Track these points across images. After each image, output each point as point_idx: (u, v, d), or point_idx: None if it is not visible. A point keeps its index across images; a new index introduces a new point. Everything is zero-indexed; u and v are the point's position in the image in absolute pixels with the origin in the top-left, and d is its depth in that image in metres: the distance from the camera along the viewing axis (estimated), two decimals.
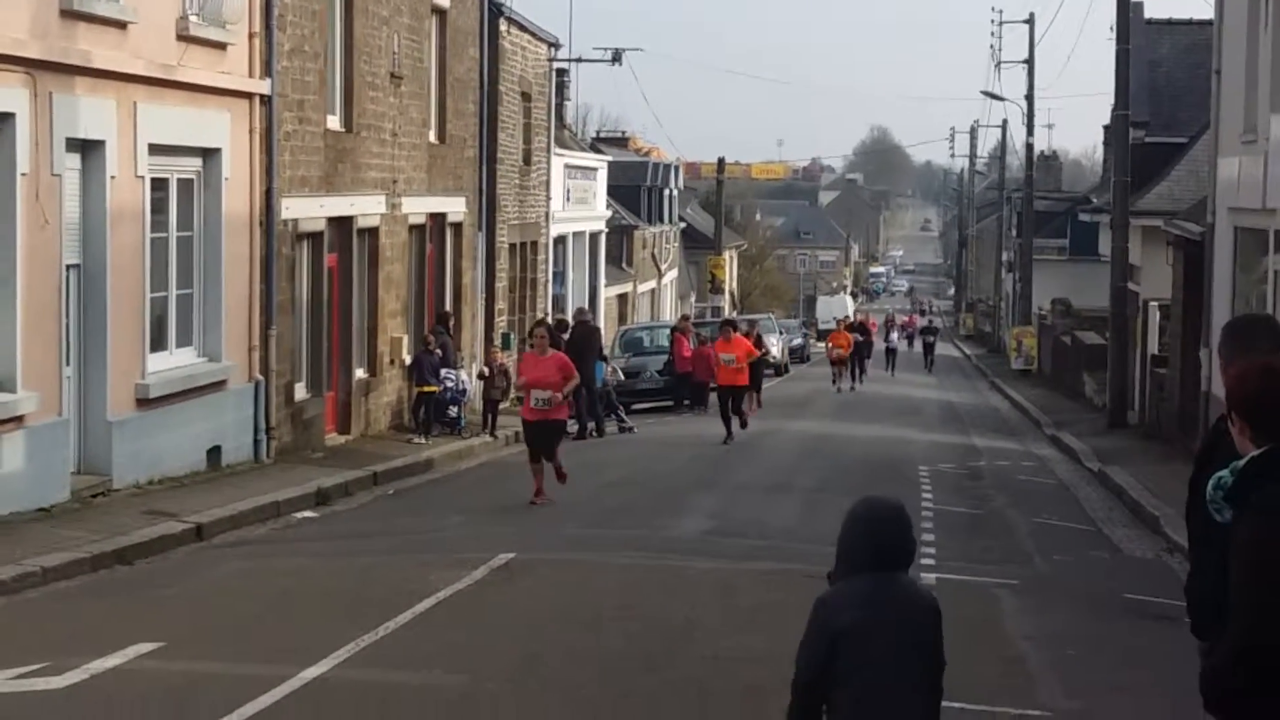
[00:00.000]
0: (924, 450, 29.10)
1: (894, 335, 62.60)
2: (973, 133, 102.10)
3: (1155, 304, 34.30)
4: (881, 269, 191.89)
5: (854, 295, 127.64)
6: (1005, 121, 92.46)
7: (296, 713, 9.61)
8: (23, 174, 16.54)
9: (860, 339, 50.76)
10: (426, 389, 27.29)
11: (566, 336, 30.75)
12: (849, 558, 5.92)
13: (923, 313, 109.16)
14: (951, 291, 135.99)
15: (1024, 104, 61.85)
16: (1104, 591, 15.48)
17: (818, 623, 5.83)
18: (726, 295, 72.00)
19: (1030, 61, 62.82)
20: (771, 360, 55.74)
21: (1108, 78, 34.98)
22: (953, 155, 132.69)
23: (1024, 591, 14.77)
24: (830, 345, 49.22)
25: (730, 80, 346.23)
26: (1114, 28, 34.17)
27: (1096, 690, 11.04)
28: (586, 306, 39.78)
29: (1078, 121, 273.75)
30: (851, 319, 56.62)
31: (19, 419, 16.61)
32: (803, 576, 14.67)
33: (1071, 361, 46.81)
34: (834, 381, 47.25)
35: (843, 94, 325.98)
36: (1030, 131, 60.72)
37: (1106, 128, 45.88)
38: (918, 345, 67.81)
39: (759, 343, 36.49)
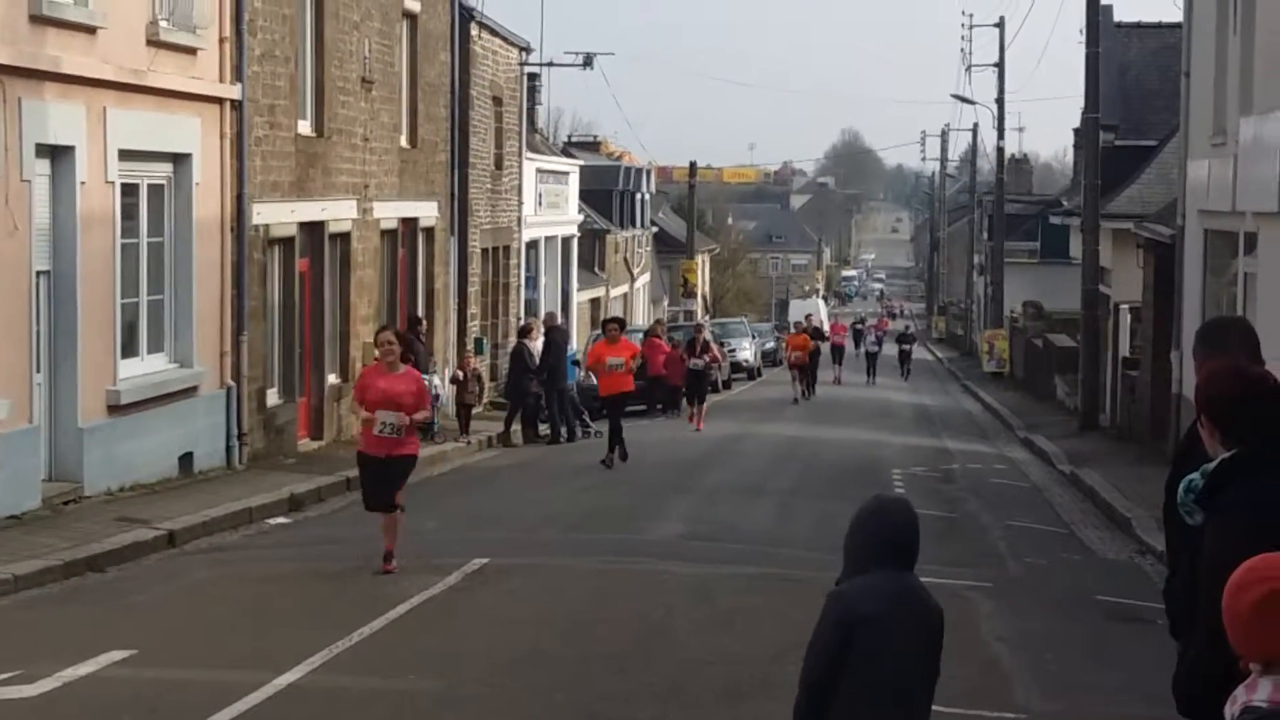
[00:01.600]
0: (897, 453, 29.14)
1: (869, 339, 59.45)
2: (944, 136, 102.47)
3: (1126, 306, 34.43)
4: (854, 272, 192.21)
5: (826, 299, 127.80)
6: (976, 125, 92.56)
7: (271, 719, 9.58)
8: None
9: (817, 344, 47.85)
10: None
11: (541, 342, 30.72)
12: (861, 554, 5.93)
13: (893, 316, 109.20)
14: (919, 293, 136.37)
15: (994, 107, 61.99)
16: (1077, 593, 15.53)
17: (834, 614, 5.82)
18: (699, 299, 72.03)
19: (1000, 65, 62.97)
20: (745, 365, 55.86)
21: (1078, 81, 35.13)
22: (924, 159, 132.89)
23: (998, 594, 14.80)
24: (788, 348, 45.85)
25: (702, 84, 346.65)
26: (1084, 31, 34.29)
27: (1071, 691, 11.07)
28: (558, 311, 39.76)
29: (1048, 125, 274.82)
30: (814, 321, 51.22)
31: None
32: (778, 580, 14.72)
33: (1043, 364, 46.93)
34: (793, 384, 44.23)
35: (814, 97, 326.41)
36: (1001, 135, 60.85)
37: (1077, 131, 45.95)
38: (888, 349, 66.00)
39: (705, 348, 34.41)
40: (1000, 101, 61.66)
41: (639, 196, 66.99)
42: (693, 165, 72.97)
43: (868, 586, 5.84)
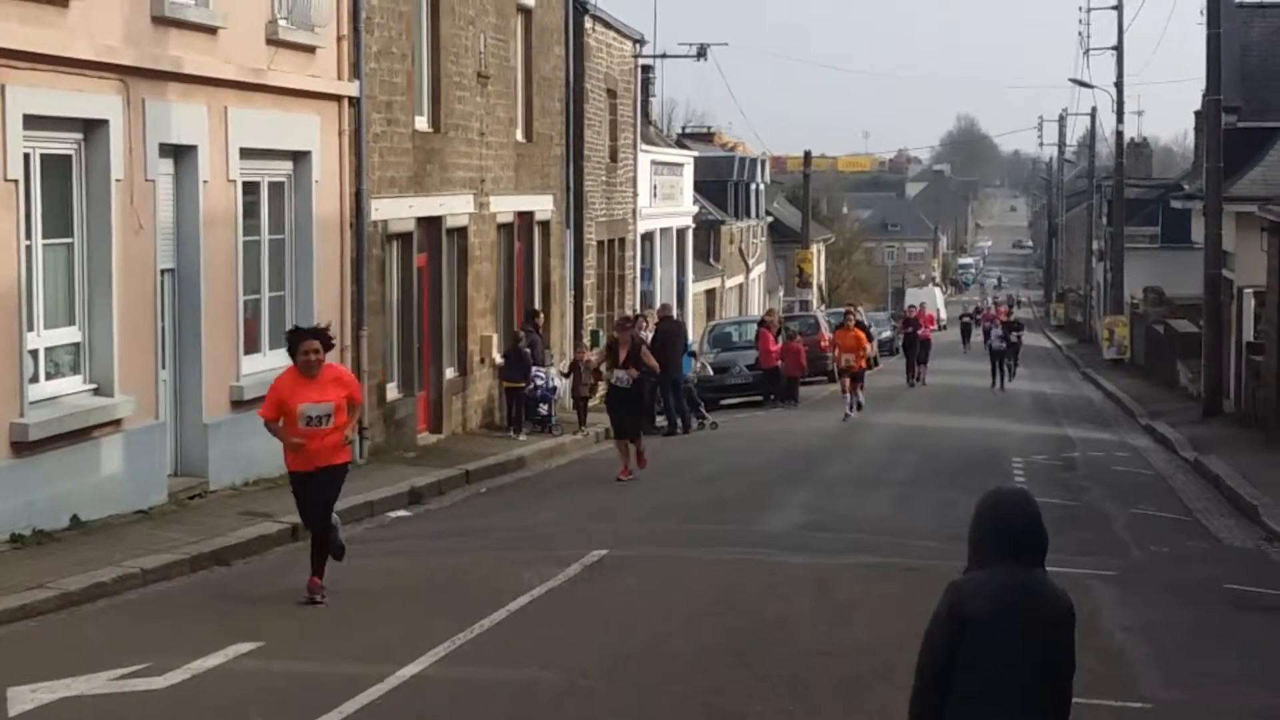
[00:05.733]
0: (1017, 442, 28.90)
1: (994, 334, 48.08)
2: (1061, 121, 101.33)
3: (1250, 290, 33.88)
4: (970, 260, 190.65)
5: (942, 287, 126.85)
6: (1094, 109, 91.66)
7: (396, 710, 9.67)
8: (117, 180, 16.75)
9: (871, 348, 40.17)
10: (513, 385, 27.49)
11: (651, 333, 30.72)
12: (981, 548, 5.86)
13: (1013, 305, 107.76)
14: (1036, 280, 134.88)
15: (1113, 91, 61.20)
16: (1203, 582, 15.32)
17: (947, 605, 5.78)
18: (814, 289, 71.77)
19: (1119, 48, 62.21)
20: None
21: (1198, 63, 34.69)
22: (1041, 144, 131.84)
23: (1122, 583, 14.65)
24: (836, 350, 35.10)
25: (815, 73, 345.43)
26: (1204, 12, 33.79)
27: (1197, 681, 10.94)
28: (673, 303, 39.77)
29: (1168, 108, 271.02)
30: (857, 314, 40.44)
31: (117, 423, 16.83)
32: (899, 570, 14.65)
33: (1165, 350, 46.34)
34: (843, 395, 34.02)
35: (929, 85, 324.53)
36: (1120, 119, 60.07)
37: (1198, 113, 45.37)
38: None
39: (635, 354, 22.09)
40: (1119, 85, 60.89)
41: (753, 187, 66.86)
42: (807, 155, 72.72)
43: (982, 582, 5.78)
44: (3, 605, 12.68)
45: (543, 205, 32.11)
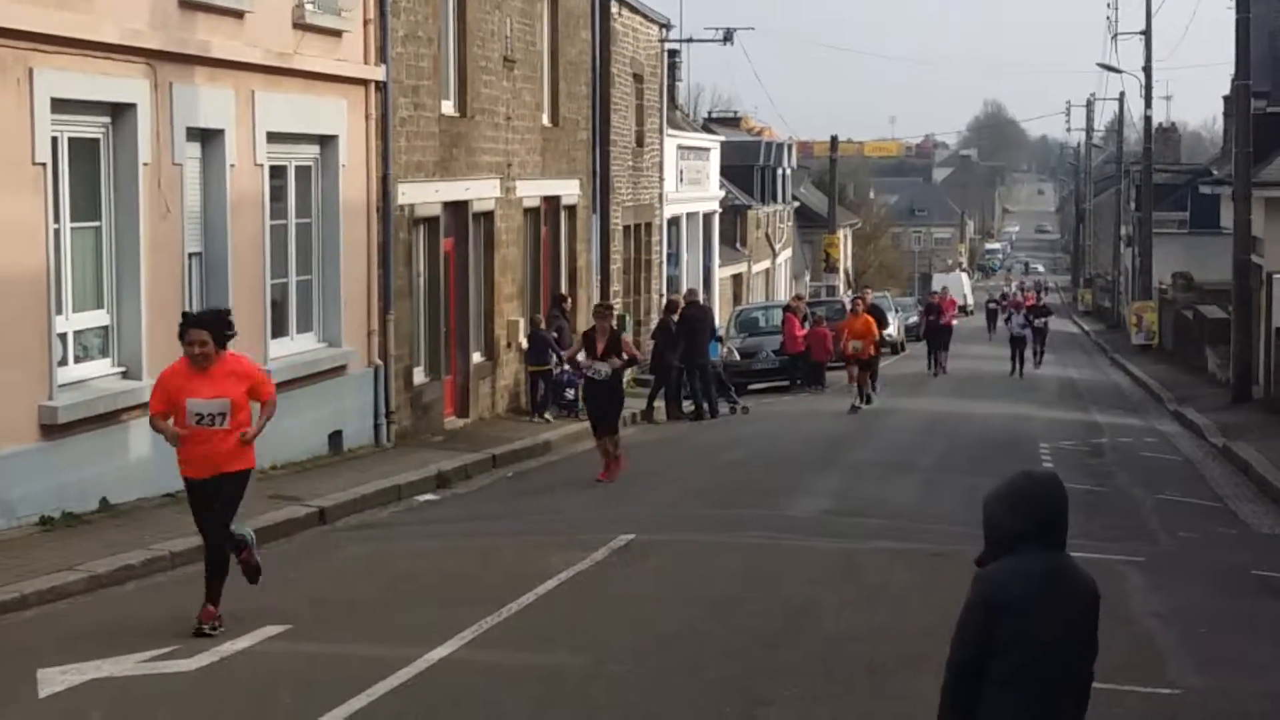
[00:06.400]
0: (1044, 427, 28.84)
1: (1016, 320, 46.63)
2: (1089, 106, 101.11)
3: (1279, 276, 33.74)
4: (997, 245, 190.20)
5: (969, 272, 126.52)
6: (1122, 94, 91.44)
7: (425, 693, 9.68)
8: (144, 164, 16.78)
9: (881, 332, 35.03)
10: (537, 369, 27.51)
11: (676, 317, 30.70)
12: (1007, 533, 5.76)
13: (1040, 291, 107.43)
14: (1064, 265, 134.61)
15: (1141, 76, 60.96)
16: (1232, 568, 15.27)
17: (980, 598, 5.68)
18: (841, 274, 71.67)
19: (1148, 32, 61.91)
20: (888, 339, 54.83)
21: (1227, 48, 34.47)
22: (1069, 129, 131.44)
23: (1150, 568, 14.60)
24: (845, 337, 32.58)
25: (842, 57, 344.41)
26: None
27: (1227, 667, 10.89)
28: (699, 288, 39.73)
29: (1196, 92, 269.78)
30: (869, 298, 38.71)
31: (145, 405, 16.83)
32: (926, 556, 14.63)
33: (1194, 336, 46.19)
34: (851, 385, 32.52)
35: (956, 69, 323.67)
36: (1148, 104, 59.82)
37: (1226, 98, 45.26)
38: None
39: (615, 345, 20.51)
40: (1148, 70, 60.63)
41: (780, 172, 66.74)
42: (834, 139, 72.58)
43: (1015, 569, 5.68)
44: (33, 587, 12.75)
45: (569, 190, 32.10)
